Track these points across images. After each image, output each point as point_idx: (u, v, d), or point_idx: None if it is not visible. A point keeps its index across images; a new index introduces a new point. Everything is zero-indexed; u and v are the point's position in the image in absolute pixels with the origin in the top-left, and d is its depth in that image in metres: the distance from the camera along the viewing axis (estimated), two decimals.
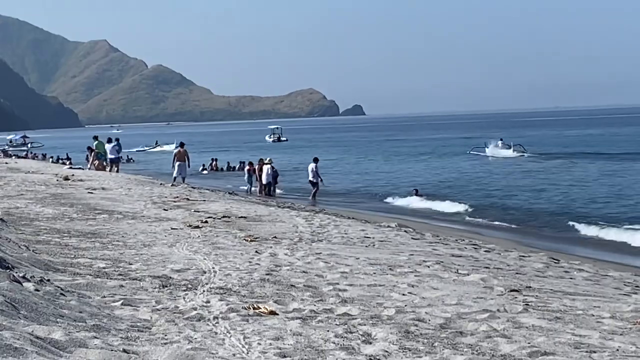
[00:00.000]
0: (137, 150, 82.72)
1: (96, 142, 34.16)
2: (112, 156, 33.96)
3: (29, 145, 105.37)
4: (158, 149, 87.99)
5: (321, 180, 32.31)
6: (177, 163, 32.43)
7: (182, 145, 34.23)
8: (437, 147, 77.28)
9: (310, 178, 32.52)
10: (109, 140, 34.47)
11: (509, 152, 59.18)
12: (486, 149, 62.20)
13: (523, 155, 58.07)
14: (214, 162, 51.70)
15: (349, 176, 45.46)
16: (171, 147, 76.67)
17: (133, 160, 65.64)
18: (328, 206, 26.38)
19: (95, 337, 4.82)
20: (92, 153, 35.36)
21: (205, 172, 49.09)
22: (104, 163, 33.76)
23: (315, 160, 32.74)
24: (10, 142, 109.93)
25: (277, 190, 33.14)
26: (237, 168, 48.69)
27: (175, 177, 31.90)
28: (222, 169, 50.98)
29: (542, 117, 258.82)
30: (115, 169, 33.83)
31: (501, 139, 63.73)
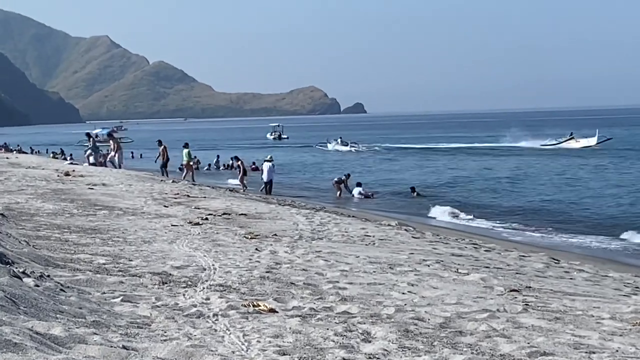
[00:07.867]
0: (542, 145, 68.87)
1: (186, 150, 34.13)
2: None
3: None
4: (573, 143, 68.41)
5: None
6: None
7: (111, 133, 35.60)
8: None
9: None
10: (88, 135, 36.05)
11: (346, 148, 72.78)
12: (328, 144, 76.96)
13: (358, 151, 71.07)
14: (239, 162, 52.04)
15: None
16: (592, 141, 65.36)
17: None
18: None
19: (95, 333, 4.82)
20: (92, 140, 35.96)
21: (207, 170, 49.31)
22: (101, 159, 34.16)
23: None
24: (96, 136, 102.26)
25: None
26: (228, 166, 48.74)
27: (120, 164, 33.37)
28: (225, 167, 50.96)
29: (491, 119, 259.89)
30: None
31: (340, 137, 79.22)
